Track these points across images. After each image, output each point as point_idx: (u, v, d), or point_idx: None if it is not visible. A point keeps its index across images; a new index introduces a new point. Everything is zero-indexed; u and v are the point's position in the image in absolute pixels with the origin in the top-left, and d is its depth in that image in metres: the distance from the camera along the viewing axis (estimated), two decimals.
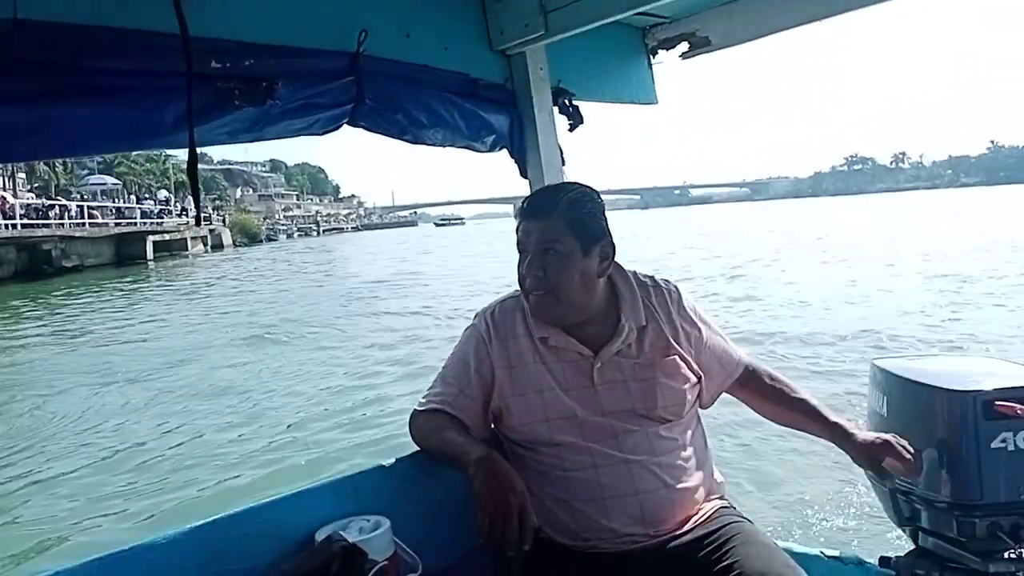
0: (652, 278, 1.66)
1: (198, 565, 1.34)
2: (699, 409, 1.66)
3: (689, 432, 1.58)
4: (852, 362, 7.55)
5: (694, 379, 1.60)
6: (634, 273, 1.64)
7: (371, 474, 1.61)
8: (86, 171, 63.00)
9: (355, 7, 1.70)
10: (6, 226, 31.58)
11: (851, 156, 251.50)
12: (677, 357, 1.57)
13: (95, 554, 1.28)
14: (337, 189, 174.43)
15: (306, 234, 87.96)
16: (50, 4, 1.24)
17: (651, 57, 2.32)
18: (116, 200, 48.97)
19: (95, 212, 40.70)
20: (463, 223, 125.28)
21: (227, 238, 58.61)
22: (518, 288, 1.61)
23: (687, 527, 1.49)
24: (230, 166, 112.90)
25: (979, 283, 13.37)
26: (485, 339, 1.60)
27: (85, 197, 46.23)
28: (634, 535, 1.47)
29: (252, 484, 5.59)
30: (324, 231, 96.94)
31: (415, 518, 1.57)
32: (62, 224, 35.44)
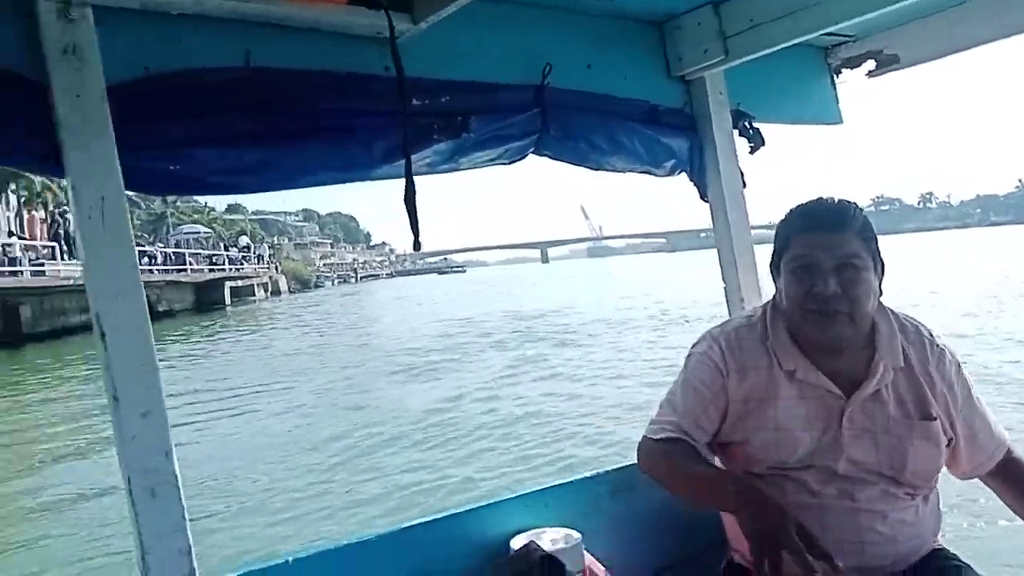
0: (913, 320, 1.50)
1: (405, 563, 1.46)
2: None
3: (931, 493, 1.46)
4: None
5: (948, 444, 1.44)
6: (891, 309, 1.48)
7: (559, 489, 1.69)
8: None
9: (540, 43, 1.76)
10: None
11: (877, 197, 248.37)
12: (938, 417, 1.41)
13: (307, 549, 1.40)
14: (368, 237, 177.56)
15: (345, 280, 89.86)
16: (278, 53, 1.39)
17: (834, 76, 2.27)
18: (204, 247, 52.37)
19: (191, 259, 43.06)
20: (464, 271, 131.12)
21: (283, 284, 61.76)
22: (746, 313, 1.55)
23: (902, 569, 1.40)
24: (264, 216, 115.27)
25: None
26: (721, 369, 1.47)
27: (180, 244, 49.47)
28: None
29: (447, 491, 6.19)
30: (361, 278, 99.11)
31: (605, 533, 1.62)
32: (166, 270, 37.64)
